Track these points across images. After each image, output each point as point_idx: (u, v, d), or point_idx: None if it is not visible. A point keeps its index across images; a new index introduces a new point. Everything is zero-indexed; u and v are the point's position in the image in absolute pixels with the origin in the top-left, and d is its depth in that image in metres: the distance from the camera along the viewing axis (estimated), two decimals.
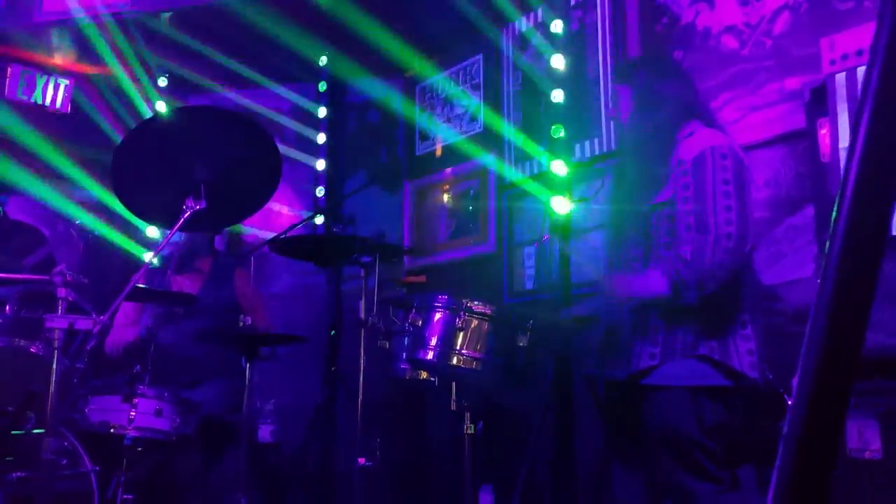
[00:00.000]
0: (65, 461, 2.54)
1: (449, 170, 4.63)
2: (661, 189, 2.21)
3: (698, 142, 2.20)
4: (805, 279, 2.98)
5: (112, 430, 2.66)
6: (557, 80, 3.81)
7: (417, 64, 4.75)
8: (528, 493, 3.00)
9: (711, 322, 2.13)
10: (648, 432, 2.19)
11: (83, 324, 2.18)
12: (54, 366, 2.14)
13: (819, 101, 2.30)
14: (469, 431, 2.63)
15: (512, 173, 4.21)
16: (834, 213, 0.67)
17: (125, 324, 3.37)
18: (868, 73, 0.66)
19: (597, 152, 3.78)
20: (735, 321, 2.15)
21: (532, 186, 3.97)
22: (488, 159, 4.35)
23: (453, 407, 2.65)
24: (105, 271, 4.18)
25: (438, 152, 4.71)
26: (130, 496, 2.61)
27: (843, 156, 2.19)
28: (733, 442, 2.18)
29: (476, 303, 2.39)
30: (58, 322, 2.14)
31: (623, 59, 2.66)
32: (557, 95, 3.73)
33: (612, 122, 3.72)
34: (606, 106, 3.76)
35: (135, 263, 4.44)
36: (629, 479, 2.34)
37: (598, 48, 3.89)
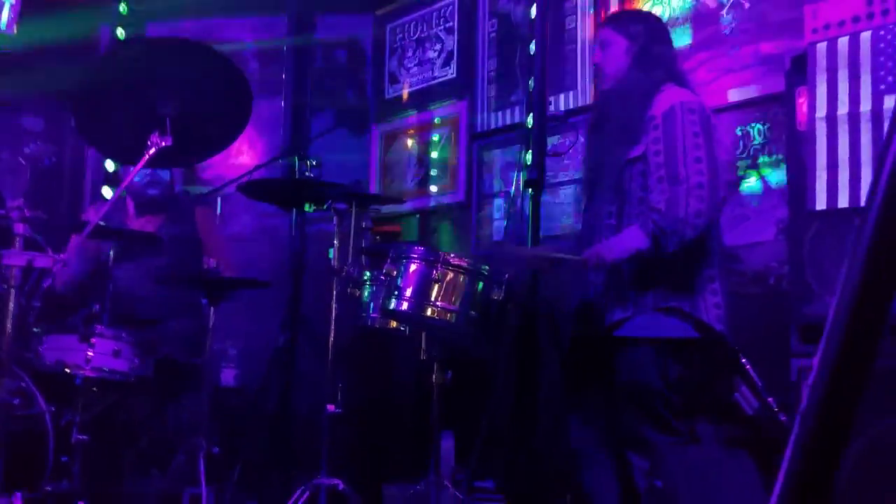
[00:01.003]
0: (17, 401, 2.48)
1: (419, 115, 4.55)
2: (635, 145, 2.27)
3: (668, 98, 2.28)
4: (766, 242, 3.04)
5: (68, 370, 2.59)
6: (535, 31, 3.75)
7: (389, 2, 4.61)
8: (488, 440, 3.06)
9: (681, 276, 2.22)
10: (615, 385, 2.25)
11: (42, 261, 2.10)
12: (11, 304, 2.06)
13: (799, 70, 2.32)
14: (438, 381, 2.65)
15: (484, 122, 4.16)
16: (869, 198, 0.67)
17: (80, 259, 3.27)
18: None
19: (571, 106, 3.76)
20: (703, 276, 2.25)
21: (505, 137, 3.94)
22: (460, 106, 4.28)
23: (423, 357, 2.67)
24: (53, 204, 4.03)
25: (405, 97, 4.62)
26: (85, 437, 2.56)
27: (818, 125, 2.22)
28: (692, 396, 2.26)
29: (453, 255, 2.39)
30: (15, 259, 2.05)
31: (624, 10, 2.66)
32: (534, 46, 3.67)
33: (588, 76, 3.70)
34: (583, 56, 3.73)
35: (85, 196, 4.29)
36: (585, 429, 2.41)
37: (576, 1, 3.84)
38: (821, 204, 2.16)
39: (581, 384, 2.46)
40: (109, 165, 4.21)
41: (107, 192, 4.24)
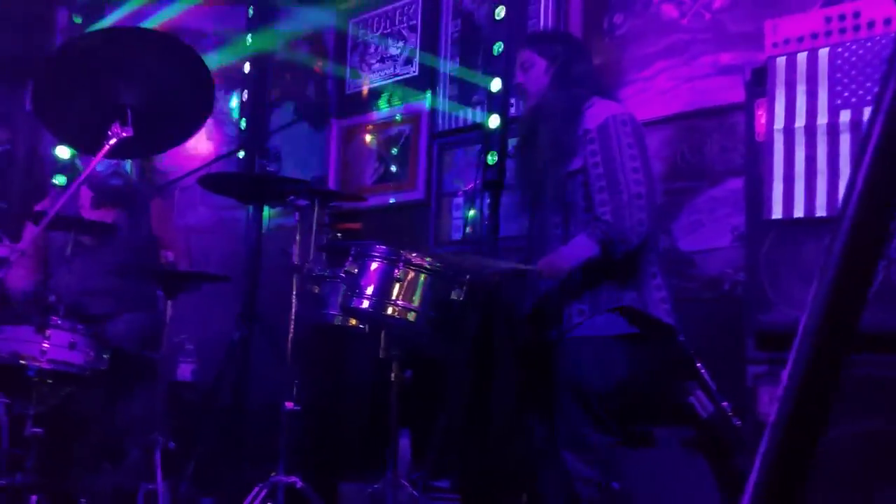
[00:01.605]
0: None
1: (380, 112, 4.53)
2: (573, 158, 2.38)
3: (599, 111, 2.39)
4: (721, 249, 3.13)
5: (23, 362, 2.53)
6: (499, 33, 3.77)
7: None
8: (445, 440, 3.08)
9: (628, 276, 2.34)
10: (558, 384, 2.33)
11: None
12: None
13: (759, 82, 2.38)
14: (396, 379, 2.66)
15: (445, 121, 4.17)
16: (841, 211, 0.70)
17: (30, 265, 3.18)
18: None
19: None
20: (647, 273, 2.37)
21: (466, 136, 3.96)
22: (421, 104, 4.29)
23: (382, 355, 2.67)
24: (5, 192, 3.91)
25: (366, 92, 4.60)
26: (39, 430, 2.51)
27: (776, 137, 2.29)
28: (643, 398, 2.33)
29: (414, 255, 2.39)
30: None
31: (538, 30, 2.76)
32: (498, 48, 3.70)
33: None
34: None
35: (37, 184, 4.17)
36: (545, 430, 2.46)
37: (540, 3, 3.87)
38: (777, 213, 2.23)
39: (537, 386, 2.51)
40: (63, 152, 4.10)
41: (59, 180, 4.13)
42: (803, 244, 2.14)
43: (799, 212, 2.21)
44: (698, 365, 2.50)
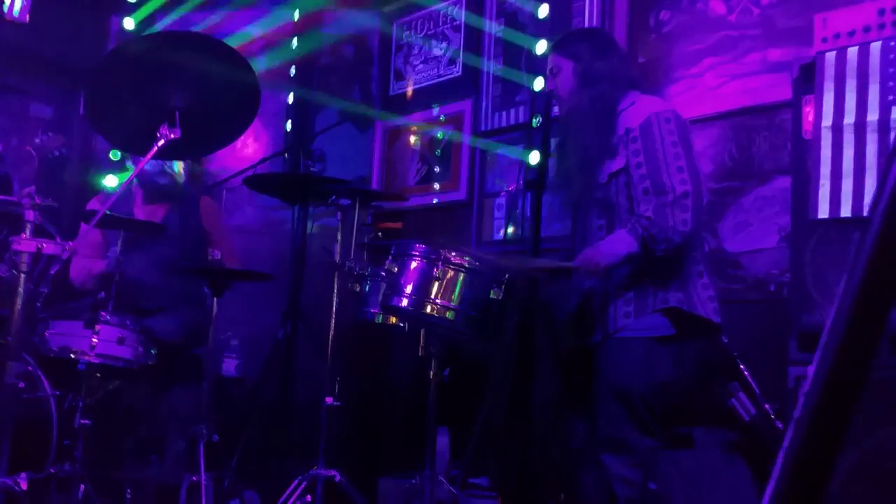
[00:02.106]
0: (23, 385, 2.50)
1: (423, 112, 4.56)
2: (614, 159, 2.32)
3: (642, 109, 2.32)
4: (768, 249, 3.06)
5: (73, 356, 2.62)
6: (541, 31, 3.76)
7: (397, 0, 4.62)
8: (484, 437, 3.08)
9: (674, 275, 2.28)
10: (601, 385, 2.29)
11: (51, 248, 2.12)
12: (20, 289, 2.08)
13: (807, 78, 2.32)
14: (435, 377, 2.67)
15: (488, 121, 4.17)
16: (872, 209, 0.68)
17: (92, 254, 3.29)
18: None
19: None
20: (693, 272, 2.31)
21: (509, 136, 3.95)
22: (465, 105, 4.29)
23: (421, 353, 2.69)
24: (60, 192, 4.04)
25: (410, 94, 4.63)
26: (88, 421, 2.59)
27: (824, 134, 2.23)
28: (685, 399, 2.29)
29: (454, 253, 2.40)
30: (25, 245, 2.07)
31: (564, 33, 2.66)
32: (541, 47, 3.68)
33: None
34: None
35: (92, 186, 4.31)
36: (579, 430, 2.44)
37: (585, 1, 3.84)
38: (823, 213, 2.17)
39: (580, 388, 2.48)
40: (114, 155, 4.23)
41: (110, 180, 4.26)
42: (850, 244, 2.08)
43: (846, 211, 2.15)
44: (741, 367, 2.45)
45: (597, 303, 2.35)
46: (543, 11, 3.75)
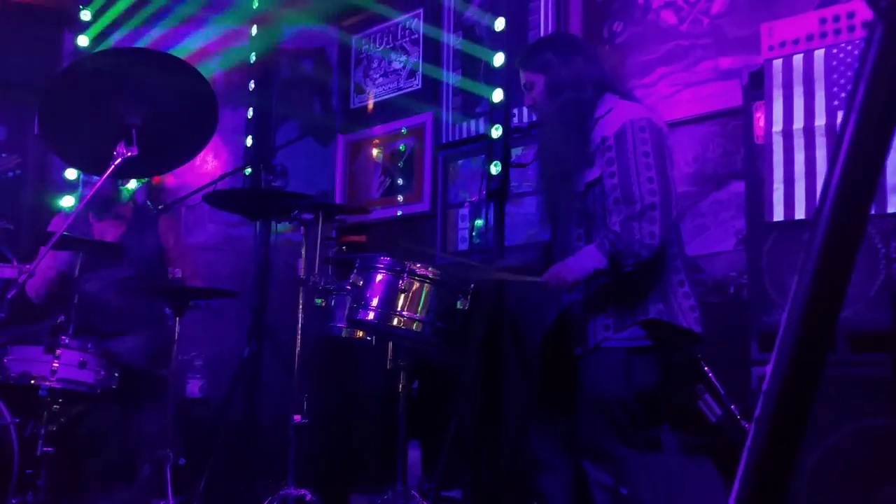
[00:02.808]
0: None
1: (384, 125, 4.57)
2: (591, 168, 2.30)
3: (618, 116, 2.30)
4: (726, 252, 3.13)
5: (33, 382, 2.56)
6: (500, 44, 3.80)
7: (356, 14, 4.63)
8: (454, 449, 3.08)
9: (653, 285, 2.26)
10: (581, 395, 2.29)
11: (7, 272, 2.07)
12: None
13: (756, 85, 2.39)
14: (404, 390, 2.67)
15: (449, 133, 4.20)
16: (818, 207, 0.71)
17: (47, 266, 3.22)
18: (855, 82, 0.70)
19: (535, 118, 3.81)
20: (673, 282, 2.29)
21: (469, 147, 3.98)
22: (425, 117, 4.32)
23: (389, 366, 2.68)
24: (16, 214, 3.96)
25: (370, 108, 4.64)
26: (51, 449, 2.53)
27: (775, 139, 2.30)
28: (655, 404, 2.31)
29: (419, 265, 2.41)
30: None
31: (529, 46, 2.63)
32: (498, 59, 3.72)
33: None
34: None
35: (47, 206, 4.22)
36: (546, 437, 2.44)
37: (540, 13, 3.90)
38: (778, 215, 2.23)
39: (548, 394, 2.49)
40: (70, 174, 4.16)
41: (67, 201, 4.18)
42: (804, 246, 2.13)
43: (800, 213, 2.21)
44: (706, 369, 2.49)
45: (576, 315, 2.33)
46: (500, 24, 3.79)
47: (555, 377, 2.43)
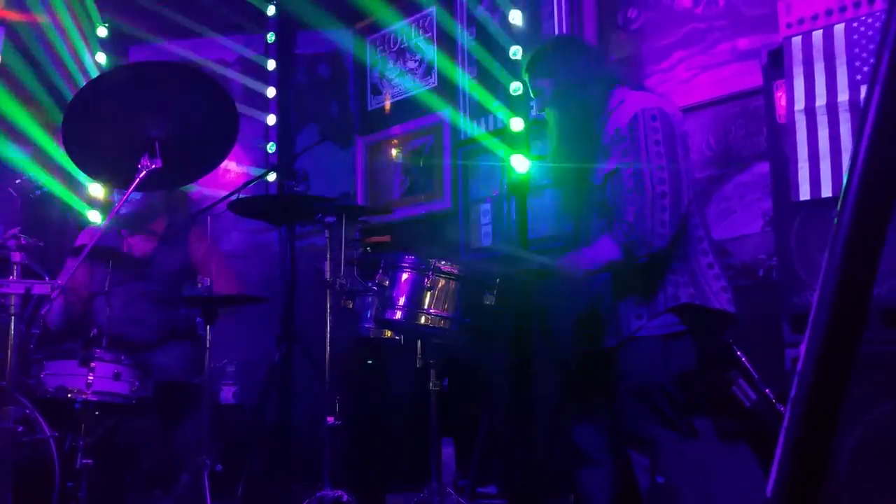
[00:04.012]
0: (21, 428, 2.48)
1: (402, 125, 4.58)
2: (607, 160, 2.31)
3: (630, 107, 2.31)
4: (753, 234, 3.09)
5: (69, 395, 2.60)
6: (515, 36, 3.79)
7: (368, 15, 4.65)
8: (488, 445, 3.08)
9: (684, 270, 2.25)
10: (621, 384, 2.28)
11: (40, 289, 2.11)
12: (12, 332, 2.07)
13: (776, 64, 2.36)
14: (435, 387, 2.67)
15: (468, 129, 4.19)
16: (845, 183, 0.70)
17: (71, 293, 3.27)
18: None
19: (540, 108, 3.80)
20: (702, 265, 2.28)
21: (489, 143, 3.97)
22: (443, 114, 4.32)
23: (419, 364, 2.69)
24: (43, 230, 4.03)
25: (387, 108, 4.65)
26: (90, 461, 2.57)
27: (798, 118, 2.26)
28: (693, 390, 2.29)
29: (444, 262, 2.41)
30: (14, 287, 2.07)
31: (532, 52, 2.63)
32: (517, 52, 3.71)
33: None
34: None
35: (75, 222, 4.29)
36: (587, 430, 2.43)
37: (553, 4, 3.88)
38: (804, 195, 2.20)
39: (586, 388, 2.47)
40: (95, 190, 4.22)
41: (93, 216, 4.25)
42: (833, 223, 2.10)
43: (827, 191, 2.18)
44: (738, 353, 2.47)
45: (607, 305, 2.33)
46: (515, 17, 3.78)
47: (593, 370, 2.41)
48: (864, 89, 2.12)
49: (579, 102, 2.36)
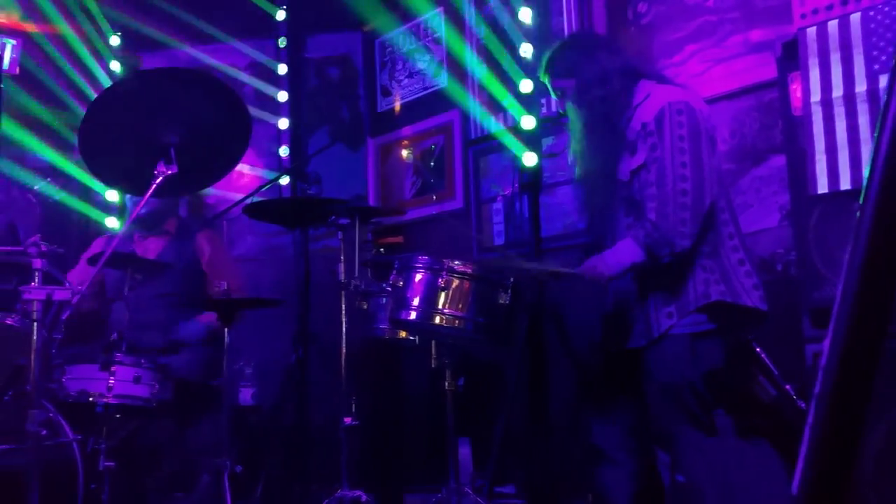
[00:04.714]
0: (45, 432, 2.50)
1: (413, 126, 4.58)
2: (634, 155, 2.27)
3: (656, 101, 2.27)
4: (771, 229, 3.07)
5: (91, 399, 2.63)
6: (525, 34, 3.78)
7: (376, 18, 4.65)
8: (504, 444, 3.08)
9: (714, 267, 2.21)
10: (649, 382, 2.26)
11: (61, 294, 2.14)
12: (34, 337, 2.09)
13: (790, 56, 2.34)
14: (450, 387, 2.67)
15: (477, 128, 4.19)
16: (867, 174, 0.69)
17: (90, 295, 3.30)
18: None
19: (563, 108, 3.78)
20: (733, 261, 2.24)
21: (500, 141, 3.97)
22: (453, 114, 4.32)
23: (434, 364, 2.69)
24: (63, 236, 4.07)
25: (397, 109, 4.66)
26: (112, 463, 2.59)
27: (814, 109, 2.25)
28: (718, 388, 2.27)
29: (457, 262, 2.40)
30: (35, 293, 2.09)
31: (549, 53, 2.59)
32: (527, 50, 3.70)
33: None
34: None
35: (93, 227, 4.33)
36: (609, 429, 2.41)
37: (562, 1, 3.86)
38: (822, 188, 2.18)
39: (608, 387, 2.45)
40: (112, 196, 4.25)
41: (111, 222, 4.28)
42: (852, 216, 2.08)
43: (845, 184, 2.16)
44: (757, 349, 2.45)
45: (635, 306, 2.29)
46: (525, 15, 3.77)
47: (616, 369, 2.39)
48: (882, 79, 2.10)
49: (602, 98, 2.32)
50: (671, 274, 2.22)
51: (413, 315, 2.46)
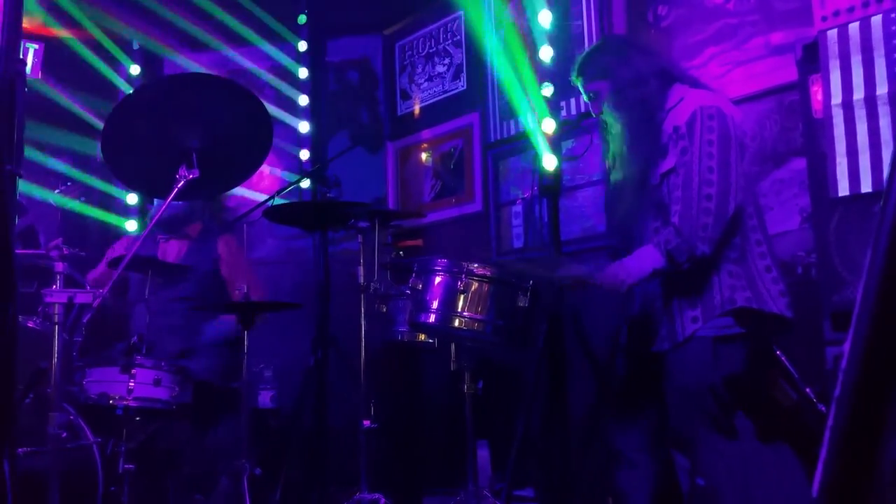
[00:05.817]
0: (65, 434, 2.54)
1: (432, 129, 4.59)
2: (665, 158, 2.26)
3: (689, 105, 2.26)
4: (791, 231, 3.04)
5: (111, 402, 2.65)
6: (544, 37, 3.78)
7: (396, 21, 4.67)
8: (523, 448, 3.07)
9: (741, 273, 2.20)
10: (670, 384, 2.25)
11: (82, 297, 2.16)
12: (56, 340, 2.12)
13: (811, 58, 2.32)
14: (469, 390, 2.67)
15: (497, 131, 4.19)
16: (888, 176, 0.68)
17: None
18: None
19: (583, 110, 3.77)
20: (760, 268, 2.23)
21: (519, 144, 3.97)
22: (473, 117, 4.32)
23: (453, 367, 2.69)
24: (83, 239, 4.12)
25: (416, 113, 4.67)
26: (132, 466, 2.62)
27: (835, 112, 2.23)
28: (739, 391, 2.25)
29: (476, 265, 2.41)
30: (57, 297, 2.12)
31: (581, 57, 2.58)
32: (546, 53, 3.70)
33: None
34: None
35: (113, 230, 4.39)
36: (629, 432, 2.40)
37: (582, 4, 3.86)
38: (843, 190, 2.16)
39: (629, 390, 2.44)
40: (131, 199, 4.30)
41: (130, 225, 4.33)
42: (872, 219, 2.06)
43: (866, 186, 2.14)
44: (777, 352, 2.43)
45: (660, 307, 2.28)
46: (544, 18, 3.77)
47: (638, 371, 2.38)
48: None
49: (641, 99, 2.31)
50: (697, 279, 2.20)
51: (432, 318, 2.46)
